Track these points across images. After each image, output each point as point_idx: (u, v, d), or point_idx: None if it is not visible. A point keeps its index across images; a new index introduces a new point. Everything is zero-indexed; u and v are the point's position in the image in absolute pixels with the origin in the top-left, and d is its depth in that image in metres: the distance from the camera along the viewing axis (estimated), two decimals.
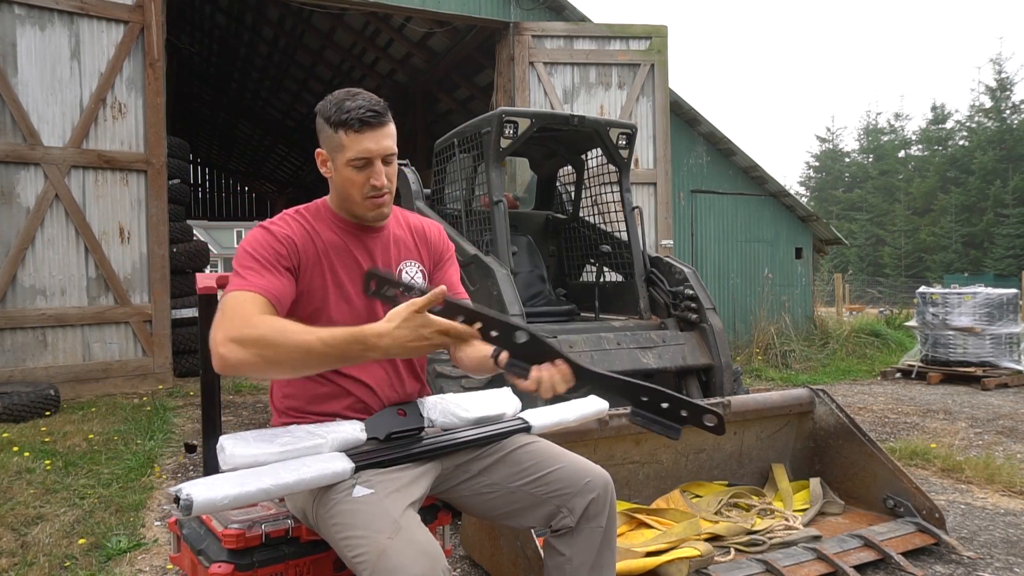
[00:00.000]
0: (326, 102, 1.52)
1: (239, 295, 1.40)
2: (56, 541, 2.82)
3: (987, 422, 5.18)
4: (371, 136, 1.48)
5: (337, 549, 1.38)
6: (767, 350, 8.46)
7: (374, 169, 1.51)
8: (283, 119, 18.35)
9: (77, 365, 6.11)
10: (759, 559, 2.44)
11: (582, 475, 1.55)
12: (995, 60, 43.71)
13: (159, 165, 6.49)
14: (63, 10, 6.07)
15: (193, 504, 1.21)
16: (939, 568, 2.58)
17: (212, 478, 1.30)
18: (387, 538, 1.29)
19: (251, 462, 1.36)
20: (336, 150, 1.51)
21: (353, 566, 1.32)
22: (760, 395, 3.16)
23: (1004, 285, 10.46)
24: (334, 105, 1.49)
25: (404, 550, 1.27)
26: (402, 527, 1.32)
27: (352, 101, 1.48)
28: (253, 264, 1.45)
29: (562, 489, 1.54)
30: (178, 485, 1.26)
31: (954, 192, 31.17)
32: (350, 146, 1.48)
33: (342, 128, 1.48)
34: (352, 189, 1.53)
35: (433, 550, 1.29)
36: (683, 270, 3.85)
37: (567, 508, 1.53)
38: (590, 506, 1.53)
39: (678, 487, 2.97)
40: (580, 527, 1.53)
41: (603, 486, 1.56)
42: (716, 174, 9.35)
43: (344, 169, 1.51)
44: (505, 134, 3.66)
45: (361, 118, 1.47)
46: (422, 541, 1.31)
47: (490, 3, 7.89)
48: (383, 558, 1.26)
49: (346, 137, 1.48)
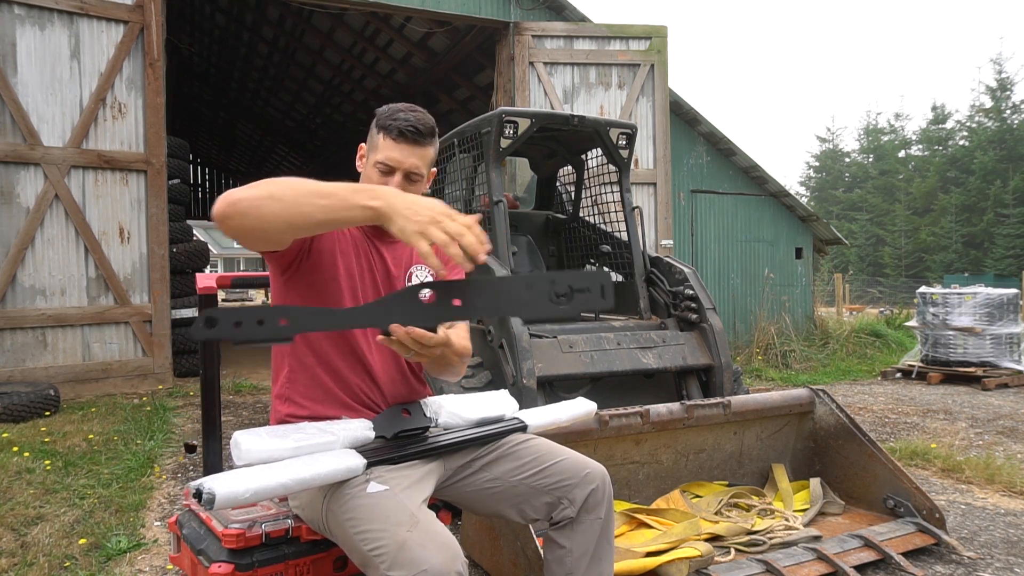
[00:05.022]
0: (384, 108, 1.61)
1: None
2: (56, 541, 2.82)
3: (987, 422, 5.18)
4: (403, 148, 1.55)
5: (350, 545, 1.38)
6: (767, 350, 8.46)
7: (393, 179, 1.56)
8: (283, 119, 18.35)
9: (77, 365, 6.11)
10: (759, 559, 2.43)
11: (582, 467, 1.60)
12: (995, 60, 43.75)
13: (159, 165, 6.49)
14: (63, 10, 6.07)
15: (216, 498, 1.21)
16: (939, 568, 2.57)
17: (231, 473, 1.30)
18: (406, 531, 1.30)
19: (266, 457, 1.36)
20: (372, 149, 1.60)
21: (369, 560, 1.31)
22: (760, 395, 3.16)
23: (1004, 285, 10.46)
24: (389, 109, 1.59)
25: (424, 542, 1.28)
26: (420, 520, 1.34)
27: (405, 113, 1.57)
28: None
29: (563, 481, 1.57)
30: (198, 480, 1.26)
31: (954, 192, 31.18)
32: (382, 149, 1.57)
33: (383, 131, 1.57)
34: None
35: (451, 543, 1.30)
36: (683, 270, 3.85)
37: (568, 499, 1.57)
38: (590, 497, 1.57)
39: (678, 487, 2.97)
40: (580, 518, 1.57)
41: (601, 478, 1.60)
42: (716, 174, 9.35)
43: (370, 168, 1.60)
44: (505, 134, 3.66)
45: (401, 129, 1.54)
46: (441, 533, 1.32)
47: (490, 3, 7.89)
48: (403, 550, 1.26)
49: (382, 140, 1.57)
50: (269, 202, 1.24)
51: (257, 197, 1.24)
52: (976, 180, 30.16)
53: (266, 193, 1.24)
